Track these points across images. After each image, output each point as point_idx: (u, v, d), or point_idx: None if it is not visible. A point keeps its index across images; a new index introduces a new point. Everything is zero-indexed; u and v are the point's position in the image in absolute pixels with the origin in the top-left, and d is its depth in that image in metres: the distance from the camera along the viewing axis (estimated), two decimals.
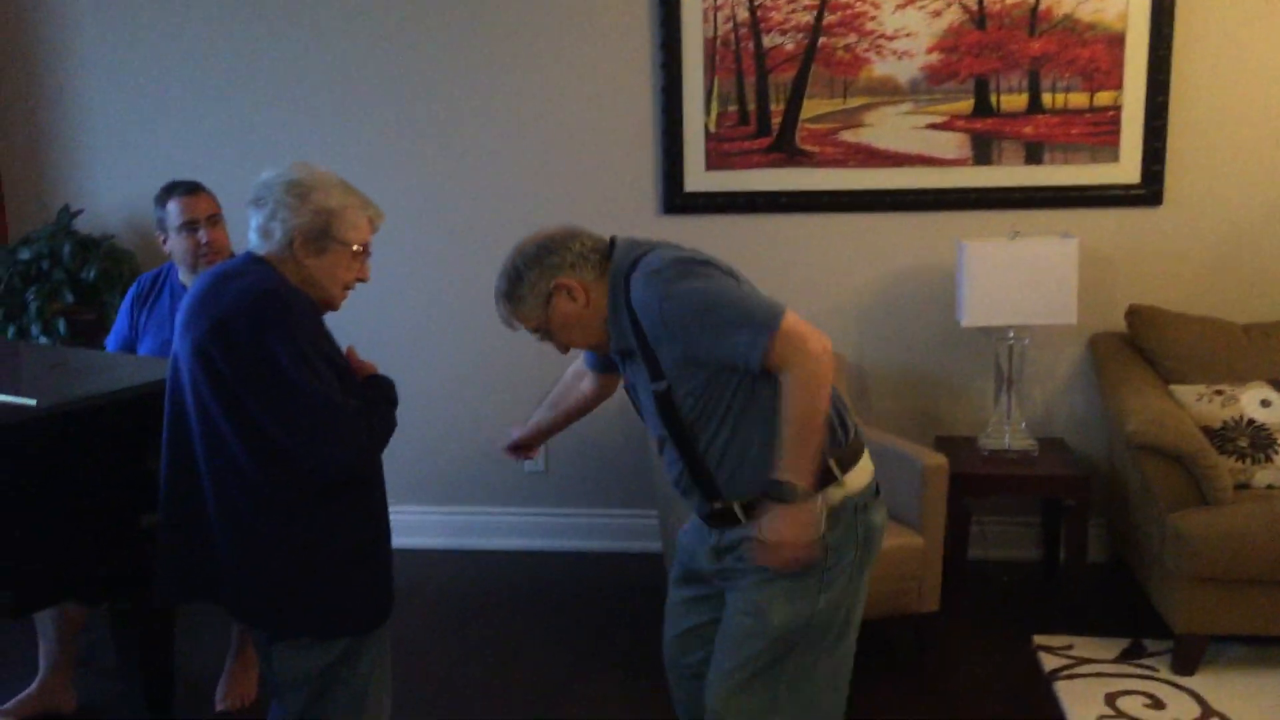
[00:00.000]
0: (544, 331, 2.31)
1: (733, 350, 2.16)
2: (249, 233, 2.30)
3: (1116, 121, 4.03)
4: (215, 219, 3.33)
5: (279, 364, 2.13)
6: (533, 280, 2.27)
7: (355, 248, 2.30)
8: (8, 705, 3.28)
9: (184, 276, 3.36)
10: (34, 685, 3.36)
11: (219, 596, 2.34)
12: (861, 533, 2.31)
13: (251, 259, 2.28)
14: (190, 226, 3.27)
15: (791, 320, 2.15)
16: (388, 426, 2.32)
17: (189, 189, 3.33)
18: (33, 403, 2.52)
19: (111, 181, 4.59)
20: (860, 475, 2.32)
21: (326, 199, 2.26)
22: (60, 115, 4.60)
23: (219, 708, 3.41)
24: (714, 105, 4.20)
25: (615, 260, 2.29)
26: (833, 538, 2.26)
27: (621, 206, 4.33)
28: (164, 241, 3.34)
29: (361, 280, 2.36)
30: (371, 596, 2.32)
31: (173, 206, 3.29)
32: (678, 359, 2.21)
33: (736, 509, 2.28)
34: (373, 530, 2.32)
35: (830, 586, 2.28)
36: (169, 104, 4.50)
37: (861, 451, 2.35)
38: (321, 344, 2.22)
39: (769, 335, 2.13)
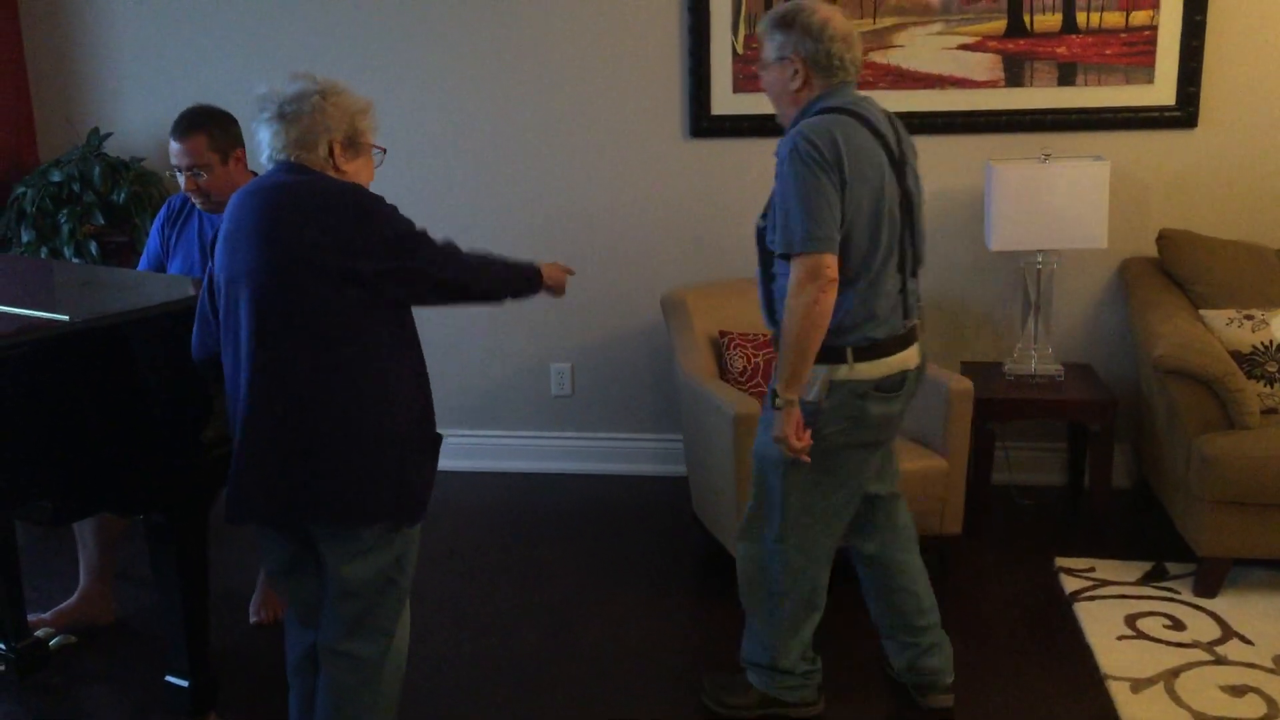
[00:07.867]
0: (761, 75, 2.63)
1: (776, 236, 2.50)
2: (276, 146, 2.28)
3: (1152, 41, 3.95)
4: (200, 168, 3.07)
5: (395, 231, 2.26)
6: (780, 40, 2.53)
7: (374, 145, 2.37)
8: (47, 615, 3.36)
9: None
10: (74, 596, 3.45)
11: (290, 516, 2.35)
12: (853, 412, 2.57)
13: (296, 167, 2.28)
14: (177, 169, 3.14)
15: (817, 261, 2.41)
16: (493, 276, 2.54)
17: (181, 132, 3.10)
18: (65, 318, 2.56)
19: (141, 104, 4.60)
20: (873, 368, 2.56)
21: (350, 103, 2.31)
22: (90, 38, 4.60)
23: (253, 620, 3.49)
24: (742, 27, 4.15)
25: (831, 92, 2.53)
26: (828, 404, 2.54)
27: (648, 130, 4.30)
28: None
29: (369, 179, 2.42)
30: (429, 485, 2.45)
31: (171, 144, 3.13)
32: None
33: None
34: (431, 421, 2.45)
35: (818, 435, 2.55)
36: (198, 25, 4.49)
37: (889, 351, 2.57)
38: None
39: (798, 253, 2.45)
